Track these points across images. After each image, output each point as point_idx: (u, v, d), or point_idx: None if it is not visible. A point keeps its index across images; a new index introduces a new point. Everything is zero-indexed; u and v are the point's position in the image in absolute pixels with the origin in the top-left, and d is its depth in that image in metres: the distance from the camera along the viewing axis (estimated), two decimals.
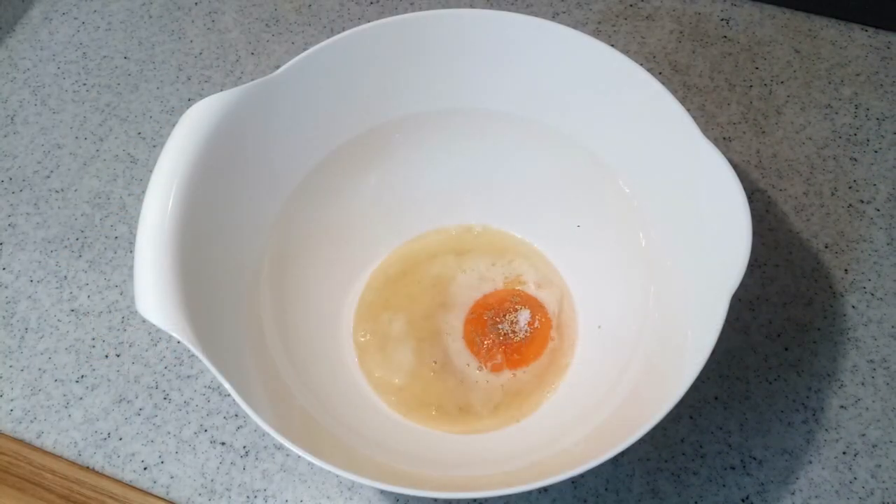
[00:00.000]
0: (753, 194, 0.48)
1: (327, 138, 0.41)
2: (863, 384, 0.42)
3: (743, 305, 0.44)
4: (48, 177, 0.52)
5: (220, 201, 0.34)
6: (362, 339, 0.43)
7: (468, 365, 0.42)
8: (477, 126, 0.43)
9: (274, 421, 0.30)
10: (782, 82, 0.52)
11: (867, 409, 0.42)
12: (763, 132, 0.51)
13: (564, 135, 0.41)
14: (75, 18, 0.59)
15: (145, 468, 0.41)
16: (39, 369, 0.45)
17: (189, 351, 0.40)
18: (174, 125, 0.34)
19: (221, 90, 0.54)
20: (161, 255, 0.30)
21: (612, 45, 0.38)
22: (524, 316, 0.42)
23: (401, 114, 0.42)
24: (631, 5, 0.56)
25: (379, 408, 0.41)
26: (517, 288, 0.44)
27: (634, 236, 0.40)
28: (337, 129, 0.41)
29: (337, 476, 0.41)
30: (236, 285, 0.36)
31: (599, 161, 0.40)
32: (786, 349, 0.43)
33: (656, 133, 0.37)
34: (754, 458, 0.40)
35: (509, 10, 0.38)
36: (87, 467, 0.42)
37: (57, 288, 0.47)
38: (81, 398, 0.44)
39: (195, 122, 0.33)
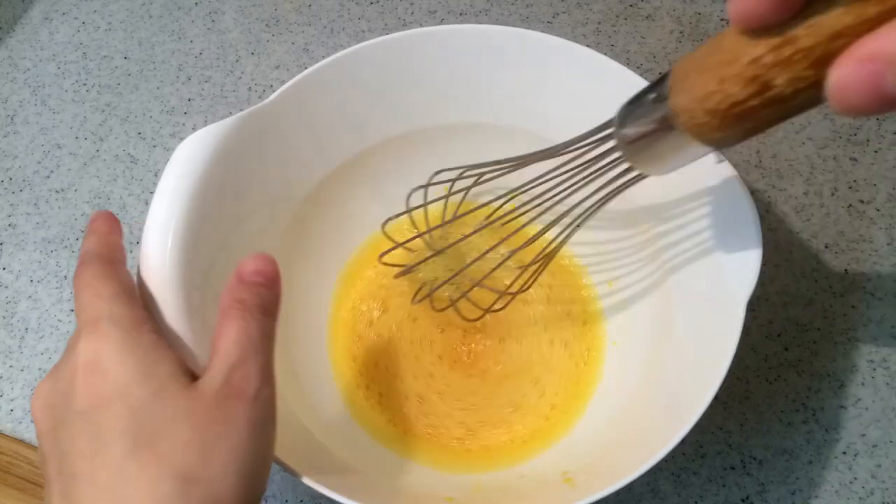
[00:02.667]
0: (753, 194, 0.48)
1: (323, 161, 0.41)
2: (863, 384, 0.42)
3: None
4: (48, 177, 0.52)
5: (219, 234, 0.34)
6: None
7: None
8: (473, 139, 0.43)
9: (295, 461, 0.30)
10: None
11: (867, 409, 0.42)
12: (763, 132, 0.51)
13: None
14: (75, 18, 0.59)
15: None
16: (40, 369, 0.45)
17: None
18: (172, 135, 0.34)
19: (221, 90, 0.54)
20: (164, 295, 0.30)
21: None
22: None
23: (398, 131, 0.42)
24: (631, 5, 0.56)
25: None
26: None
27: (645, 245, 0.39)
28: (331, 153, 0.41)
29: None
30: None
31: None
32: (786, 349, 0.43)
33: None
34: (754, 458, 0.40)
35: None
36: None
37: (57, 288, 0.47)
38: None
39: (187, 156, 0.32)
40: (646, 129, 0.26)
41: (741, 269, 0.32)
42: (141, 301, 0.29)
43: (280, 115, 0.37)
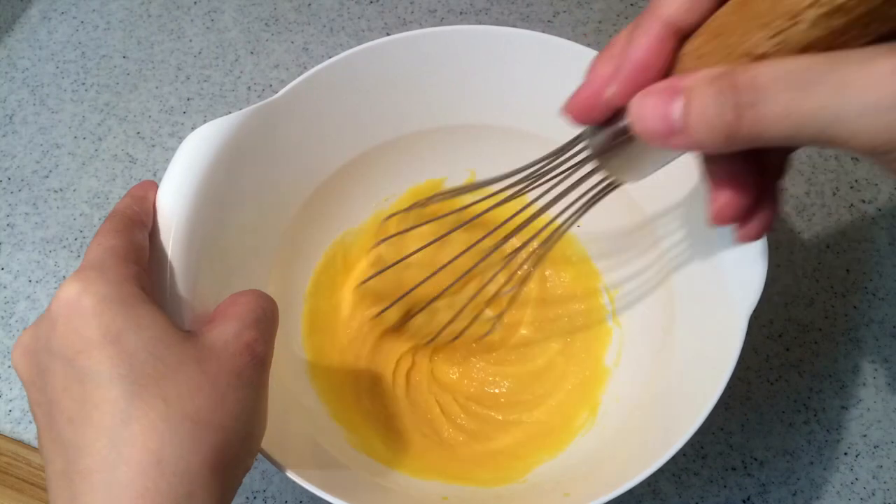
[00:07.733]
0: None
1: (327, 159, 0.41)
2: (864, 385, 0.42)
3: None
4: (47, 177, 0.51)
5: (222, 230, 0.34)
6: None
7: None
8: (475, 140, 0.43)
9: (295, 463, 0.30)
10: None
11: (868, 409, 0.41)
12: None
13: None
14: (74, 17, 0.58)
15: None
16: None
17: None
18: (171, 135, 0.34)
19: (220, 90, 0.54)
20: (168, 291, 0.30)
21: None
22: None
23: (401, 132, 0.42)
24: (632, 4, 0.56)
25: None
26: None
27: (649, 251, 0.39)
28: (336, 151, 0.41)
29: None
30: None
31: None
32: (787, 349, 0.43)
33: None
34: (755, 459, 0.40)
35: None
36: None
37: (55, 288, 0.47)
38: None
39: (192, 152, 0.32)
40: (616, 134, 0.26)
41: (745, 279, 0.31)
42: (145, 262, 0.28)
43: (286, 112, 0.36)
